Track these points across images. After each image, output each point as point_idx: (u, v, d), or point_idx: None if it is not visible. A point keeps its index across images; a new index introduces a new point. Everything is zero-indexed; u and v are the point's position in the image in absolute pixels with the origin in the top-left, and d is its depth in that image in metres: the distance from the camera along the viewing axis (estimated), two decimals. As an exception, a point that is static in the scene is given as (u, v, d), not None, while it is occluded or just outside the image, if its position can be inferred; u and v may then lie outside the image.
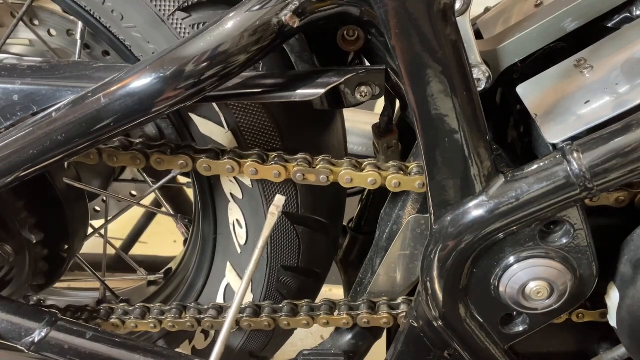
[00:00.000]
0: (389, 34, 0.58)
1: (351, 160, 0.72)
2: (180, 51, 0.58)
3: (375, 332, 0.86)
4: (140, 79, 0.58)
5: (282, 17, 0.57)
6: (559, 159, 0.61)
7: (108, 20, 0.70)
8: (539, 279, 0.65)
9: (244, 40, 0.57)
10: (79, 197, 0.90)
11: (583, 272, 0.66)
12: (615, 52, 0.66)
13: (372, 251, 0.80)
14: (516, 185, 0.62)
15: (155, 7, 0.69)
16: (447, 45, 0.58)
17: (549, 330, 0.72)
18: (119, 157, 0.72)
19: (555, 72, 0.69)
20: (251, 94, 0.65)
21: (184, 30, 0.69)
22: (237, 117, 0.73)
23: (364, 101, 0.65)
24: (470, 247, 0.64)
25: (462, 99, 0.60)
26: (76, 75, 0.67)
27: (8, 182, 0.65)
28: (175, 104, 0.59)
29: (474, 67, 0.66)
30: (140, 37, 0.70)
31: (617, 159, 0.59)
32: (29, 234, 0.81)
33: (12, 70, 0.68)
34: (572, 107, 0.65)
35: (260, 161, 0.71)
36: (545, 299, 0.66)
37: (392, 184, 0.70)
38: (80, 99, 0.60)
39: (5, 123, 0.66)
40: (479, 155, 0.62)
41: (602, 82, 0.65)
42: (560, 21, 0.69)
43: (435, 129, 0.61)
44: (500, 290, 0.67)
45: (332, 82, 0.63)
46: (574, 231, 0.64)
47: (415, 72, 0.59)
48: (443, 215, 0.64)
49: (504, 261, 0.66)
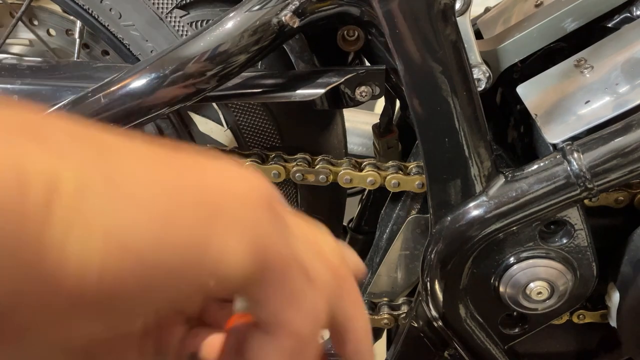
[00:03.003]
0: (389, 34, 0.57)
1: (350, 160, 0.72)
2: (180, 51, 0.58)
3: (375, 333, 0.86)
4: (140, 79, 0.58)
5: (282, 17, 0.57)
6: (559, 159, 0.61)
7: (106, 19, 0.70)
8: (539, 279, 0.65)
9: (244, 40, 0.57)
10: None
11: (583, 272, 0.66)
12: (616, 52, 0.66)
13: (372, 251, 0.80)
14: (516, 185, 0.62)
15: (153, 5, 0.69)
16: (447, 45, 0.58)
17: (549, 330, 0.72)
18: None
19: (556, 72, 0.69)
20: (251, 94, 0.65)
21: (182, 28, 0.69)
22: (236, 116, 0.73)
23: (364, 101, 0.65)
24: (470, 247, 0.64)
25: (462, 99, 0.60)
26: (76, 75, 0.67)
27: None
28: (175, 104, 0.59)
29: (474, 67, 0.66)
30: (139, 36, 0.70)
31: (618, 159, 0.59)
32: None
33: (11, 70, 0.68)
34: (572, 107, 0.65)
35: (260, 161, 0.71)
36: (545, 299, 0.66)
37: (391, 184, 0.70)
38: (80, 99, 0.60)
39: (5, 123, 0.66)
40: (479, 155, 0.62)
41: (602, 82, 0.65)
42: (561, 21, 0.69)
43: (435, 129, 0.61)
44: (501, 291, 0.67)
45: (332, 82, 0.63)
46: (574, 231, 0.64)
47: (415, 72, 0.59)
48: (443, 216, 0.64)
49: (504, 261, 0.66)
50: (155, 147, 0.27)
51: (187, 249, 0.24)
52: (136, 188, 0.24)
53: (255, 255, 0.26)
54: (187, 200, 0.25)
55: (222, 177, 0.27)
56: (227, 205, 0.26)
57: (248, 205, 0.27)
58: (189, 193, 0.25)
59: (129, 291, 0.23)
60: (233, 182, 0.27)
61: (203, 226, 0.25)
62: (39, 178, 0.21)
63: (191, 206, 0.25)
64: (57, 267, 0.21)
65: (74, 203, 0.22)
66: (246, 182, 0.28)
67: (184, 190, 0.25)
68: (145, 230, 0.23)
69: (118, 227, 0.23)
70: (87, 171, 0.23)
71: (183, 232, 0.24)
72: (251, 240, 0.26)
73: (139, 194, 0.24)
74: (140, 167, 0.25)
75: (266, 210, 0.27)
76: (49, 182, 0.22)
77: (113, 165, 0.24)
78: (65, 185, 0.22)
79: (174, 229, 0.24)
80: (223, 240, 0.25)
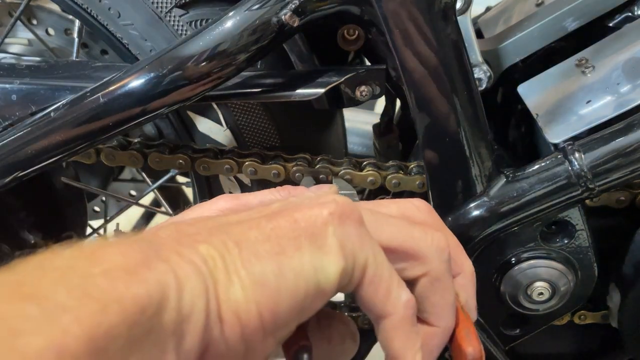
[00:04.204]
0: (389, 33, 0.57)
1: (350, 160, 0.71)
2: (179, 51, 0.58)
3: (375, 333, 0.86)
4: (139, 78, 0.58)
5: (282, 16, 0.56)
6: (560, 159, 0.60)
7: (105, 18, 0.70)
8: (541, 280, 0.65)
9: (244, 40, 0.57)
10: (78, 196, 0.89)
11: (584, 272, 0.66)
12: (617, 51, 0.66)
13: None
14: (517, 185, 0.62)
15: (153, 5, 0.68)
16: (447, 44, 0.58)
17: (551, 331, 0.72)
18: (117, 156, 0.72)
19: (557, 72, 0.69)
20: (251, 94, 0.65)
21: (181, 27, 0.69)
22: (235, 116, 0.73)
23: (364, 101, 0.65)
24: (471, 248, 0.64)
25: (463, 98, 0.60)
26: (75, 75, 0.67)
27: (6, 182, 0.64)
28: (175, 103, 0.59)
29: (474, 67, 0.66)
30: (138, 35, 0.70)
31: (619, 159, 0.59)
32: (27, 234, 0.81)
33: (10, 69, 0.67)
34: (574, 106, 0.65)
35: (260, 161, 0.70)
36: (546, 300, 0.66)
37: (391, 184, 0.70)
38: (78, 99, 0.60)
39: (4, 123, 0.66)
40: (480, 155, 0.62)
41: (603, 82, 0.65)
42: (562, 20, 0.69)
43: (436, 129, 0.61)
44: (502, 291, 0.67)
45: (332, 82, 0.63)
46: (575, 232, 0.64)
47: (415, 71, 0.59)
48: (444, 216, 0.64)
49: (505, 262, 0.65)
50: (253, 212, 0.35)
51: (305, 275, 0.32)
52: (256, 246, 0.32)
53: (348, 263, 0.33)
54: (288, 238, 0.33)
55: (303, 209, 0.34)
56: (316, 231, 0.33)
57: (330, 224, 0.34)
58: (288, 235, 0.33)
59: (282, 319, 0.32)
60: (312, 210, 0.34)
61: (306, 254, 0.32)
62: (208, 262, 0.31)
63: (292, 241, 0.33)
64: (233, 314, 0.31)
65: (225, 267, 0.31)
66: (321, 207, 0.34)
67: (283, 233, 0.33)
68: (273, 273, 0.31)
69: (256, 279, 0.31)
70: (225, 244, 0.32)
71: (296, 262, 0.32)
72: (342, 253, 0.33)
73: (260, 250, 0.32)
74: (253, 231, 0.33)
75: (344, 223, 0.34)
76: (207, 261, 0.31)
77: (237, 236, 0.33)
78: (215, 259, 0.31)
79: (289, 262, 0.32)
80: (325, 259, 0.33)
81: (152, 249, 0.30)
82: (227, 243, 0.32)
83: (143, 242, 0.31)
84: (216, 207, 0.44)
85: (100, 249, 0.30)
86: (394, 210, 0.40)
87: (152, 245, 0.31)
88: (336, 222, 0.34)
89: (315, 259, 0.32)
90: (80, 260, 0.29)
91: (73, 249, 0.30)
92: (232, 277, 0.31)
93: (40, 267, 0.28)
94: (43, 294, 0.25)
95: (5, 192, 0.63)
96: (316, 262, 0.32)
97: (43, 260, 0.28)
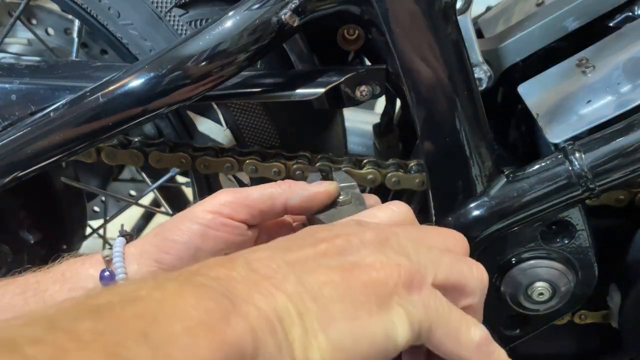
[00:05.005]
0: (389, 33, 0.57)
1: (350, 158, 0.71)
2: (179, 50, 0.58)
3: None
4: (138, 78, 0.58)
5: (282, 15, 0.56)
6: (561, 158, 0.60)
7: (105, 18, 0.70)
8: (541, 280, 0.65)
9: (244, 39, 0.57)
10: (78, 196, 0.89)
11: (584, 272, 0.66)
12: (617, 51, 0.66)
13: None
14: (518, 185, 0.61)
15: (152, 4, 0.68)
16: (448, 44, 0.58)
17: (551, 331, 0.72)
18: (117, 155, 0.72)
19: (557, 72, 0.69)
20: (251, 94, 0.65)
21: (181, 27, 0.69)
22: (235, 116, 0.73)
23: (364, 100, 0.65)
24: (471, 248, 0.64)
25: (463, 98, 0.59)
26: (74, 75, 0.67)
27: (6, 182, 0.64)
28: (175, 103, 0.59)
29: (475, 66, 0.66)
30: (137, 35, 0.70)
31: (619, 159, 0.59)
32: (27, 234, 0.81)
33: (10, 69, 0.67)
34: (574, 106, 0.65)
35: (260, 158, 0.70)
36: (547, 300, 0.66)
37: (391, 182, 0.70)
38: (78, 99, 0.60)
39: (4, 123, 0.66)
40: (480, 155, 0.62)
41: (603, 82, 0.65)
42: (562, 20, 0.69)
43: (436, 128, 0.61)
44: (502, 291, 0.66)
45: (332, 82, 0.63)
46: (575, 232, 0.64)
47: (415, 71, 0.58)
48: (444, 216, 0.64)
49: (505, 262, 0.65)
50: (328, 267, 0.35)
51: (377, 342, 0.33)
52: (332, 306, 0.33)
53: (414, 329, 0.35)
54: (361, 302, 0.34)
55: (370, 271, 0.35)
56: (385, 300, 0.34)
57: (395, 294, 0.35)
58: (360, 299, 0.34)
59: None
60: (379, 273, 0.35)
61: (379, 322, 0.33)
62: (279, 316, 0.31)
63: (365, 306, 0.34)
64: None
65: (303, 326, 0.32)
66: (389, 269, 0.35)
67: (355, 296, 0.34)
68: (350, 340, 0.33)
69: (335, 345, 0.32)
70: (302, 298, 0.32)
71: (369, 330, 0.33)
72: (409, 320, 0.34)
73: (336, 312, 0.33)
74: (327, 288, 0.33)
75: (410, 292, 0.35)
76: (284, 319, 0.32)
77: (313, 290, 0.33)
78: (293, 317, 0.32)
79: (363, 329, 0.33)
80: (395, 329, 0.34)
81: (228, 298, 0.30)
82: (303, 298, 0.33)
83: (217, 288, 0.31)
84: (218, 201, 0.45)
85: (172, 296, 0.29)
86: (440, 242, 0.41)
87: (227, 292, 0.31)
88: (401, 291, 0.35)
89: (387, 327, 0.34)
90: (158, 309, 0.28)
91: (138, 286, 0.30)
92: (311, 340, 0.32)
93: (116, 311, 0.27)
94: (128, 357, 0.25)
95: (5, 192, 0.63)
96: (388, 331, 0.34)
97: (115, 303, 0.28)
